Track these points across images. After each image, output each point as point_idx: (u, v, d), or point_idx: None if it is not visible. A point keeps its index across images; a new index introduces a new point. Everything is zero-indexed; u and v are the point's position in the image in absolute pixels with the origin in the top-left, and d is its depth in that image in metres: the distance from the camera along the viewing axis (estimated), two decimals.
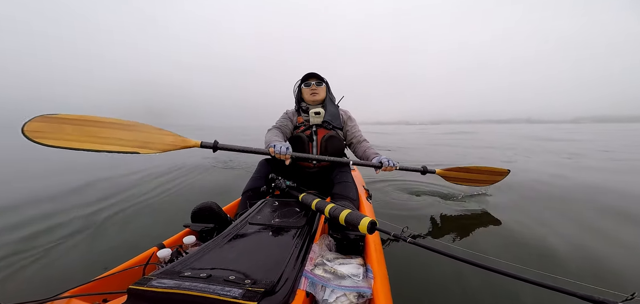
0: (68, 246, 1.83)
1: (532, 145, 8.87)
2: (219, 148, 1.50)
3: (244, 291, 0.63)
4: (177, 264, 0.77)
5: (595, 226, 2.00)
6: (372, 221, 0.86)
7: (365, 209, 1.58)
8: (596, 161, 5.17)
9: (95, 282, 0.87)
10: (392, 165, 1.55)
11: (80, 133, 1.29)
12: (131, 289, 0.64)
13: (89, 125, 1.32)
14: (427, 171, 1.96)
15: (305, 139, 1.78)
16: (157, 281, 0.66)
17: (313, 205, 1.11)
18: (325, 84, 1.84)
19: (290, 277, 0.74)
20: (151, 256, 1.00)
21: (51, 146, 1.21)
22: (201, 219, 1.27)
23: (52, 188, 3.25)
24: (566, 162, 5.09)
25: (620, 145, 8.58)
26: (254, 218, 1.11)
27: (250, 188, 1.56)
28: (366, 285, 0.80)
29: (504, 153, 6.68)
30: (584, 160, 5.35)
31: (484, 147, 8.63)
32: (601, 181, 3.43)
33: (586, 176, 3.75)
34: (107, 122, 1.37)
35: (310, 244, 0.97)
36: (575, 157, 5.76)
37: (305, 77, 1.84)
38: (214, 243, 0.90)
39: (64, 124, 1.28)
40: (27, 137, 1.19)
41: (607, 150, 7.04)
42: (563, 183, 3.32)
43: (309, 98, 1.82)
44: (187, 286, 0.64)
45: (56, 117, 1.28)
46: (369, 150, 1.78)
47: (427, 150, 7.90)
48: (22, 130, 1.19)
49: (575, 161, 5.22)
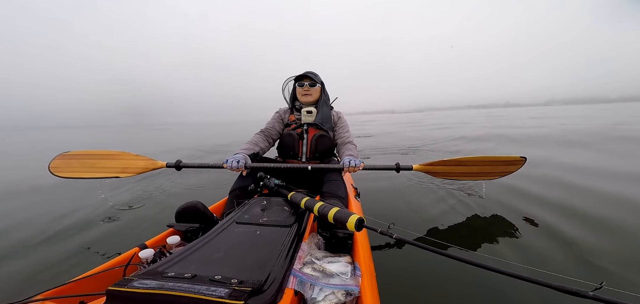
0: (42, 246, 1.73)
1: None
2: (182, 167, 1.66)
3: (230, 290, 0.62)
4: (160, 265, 0.74)
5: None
6: (359, 218, 0.87)
7: (353, 207, 1.59)
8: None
9: (73, 283, 0.82)
10: (355, 165, 1.51)
11: (81, 166, 1.73)
12: (110, 291, 0.61)
13: (87, 158, 1.75)
14: (401, 169, 1.80)
15: (296, 137, 1.78)
16: (138, 281, 0.64)
17: (302, 204, 1.11)
18: (320, 85, 1.83)
19: (278, 276, 0.73)
20: (132, 257, 0.96)
21: (65, 177, 1.66)
22: (186, 219, 1.23)
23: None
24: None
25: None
26: (242, 217, 1.09)
27: (237, 187, 1.54)
28: (354, 283, 0.80)
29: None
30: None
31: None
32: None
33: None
34: (99, 153, 1.78)
35: (299, 242, 0.96)
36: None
37: (299, 76, 1.83)
38: (199, 242, 0.88)
39: (71, 159, 1.75)
40: (51, 172, 1.68)
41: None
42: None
43: (302, 99, 1.82)
44: (170, 286, 0.62)
45: (67, 155, 1.76)
46: (347, 152, 1.70)
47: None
48: (48, 167, 1.67)
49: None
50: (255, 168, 1.55)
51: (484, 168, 2.01)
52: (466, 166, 2.00)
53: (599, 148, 4.75)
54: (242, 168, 1.49)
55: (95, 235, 1.93)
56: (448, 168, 1.98)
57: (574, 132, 7.57)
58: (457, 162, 1.98)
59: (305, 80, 1.81)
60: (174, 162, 1.65)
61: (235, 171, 1.48)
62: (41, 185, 3.52)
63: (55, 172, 1.66)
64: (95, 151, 1.81)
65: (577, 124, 10.02)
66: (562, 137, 6.57)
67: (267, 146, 1.84)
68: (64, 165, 1.71)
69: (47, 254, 1.66)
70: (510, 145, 6.00)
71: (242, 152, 1.60)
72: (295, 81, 1.85)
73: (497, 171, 2.02)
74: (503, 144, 6.24)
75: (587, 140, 5.77)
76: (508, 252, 1.59)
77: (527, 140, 6.61)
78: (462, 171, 2.01)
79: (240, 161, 1.48)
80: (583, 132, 7.27)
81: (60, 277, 1.45)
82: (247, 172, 1.56)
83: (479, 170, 2.01)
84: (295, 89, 1.86)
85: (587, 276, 1.35)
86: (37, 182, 3.68)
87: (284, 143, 1.82)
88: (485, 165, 2.00)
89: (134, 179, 3.56)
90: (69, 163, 1.72)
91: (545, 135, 7.15)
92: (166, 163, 1.68)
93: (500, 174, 2.03)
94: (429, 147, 6.42)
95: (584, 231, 1.77)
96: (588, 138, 6.11)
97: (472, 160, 1.98)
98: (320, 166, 1.59)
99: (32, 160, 6.25)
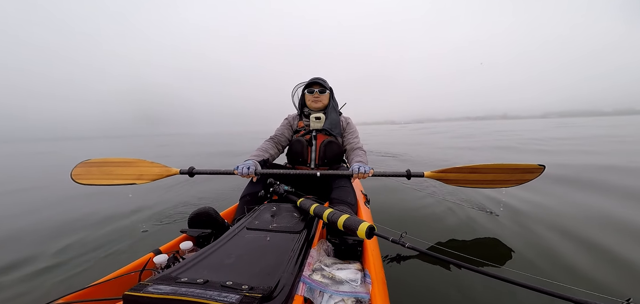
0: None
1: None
2: (195, 173, 1.71)
3: (241, 296, 0.62)
4: (173, 270, 0.76)
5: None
6: (370, 226, 0.86)
7: (363, 214, 1.58)
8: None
9: (91, 288, 0.86)
10: (365, 171, 1.49)
11: (100, 173, 1.79)
12: (127, 296, 0.63)
13: (105, 166, 1.81)
14: (412, 175, 1.74)
15: (304, 143, 1.79)
16: (153, 287, 0.65)
17: (311, 210, 1.11)
18: (329, 91, 1.84)
19: (288, 282, 0.74)
20: (147, 262, 0.99)
21: (85, 184, 1.73)
22: (198, 224, 1.26)
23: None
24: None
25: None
26: (252, 223, 1.11)
27: (248, 193, 1.56)
28: (364, 290, 0.79)
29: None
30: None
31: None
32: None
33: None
34: (116, 161, 1.84)
35: (308, 249, 0.96)
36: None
37: (309, 83, 1.84)
38: (211, 248, 0.90)
39: (91, 167, 1.81)
40: (73, 179, 1.74)
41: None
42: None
43: (312, 105, 1.83)
44: (183, 291, 0.63)
45: (86, 163, 1.82)
46: (356, 158, 1.70)
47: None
48: (70, 175, 1.75)
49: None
50: (265, 175, 1.57)
51: (499, 175, 1.89)
52: (480, 173, 1.89)
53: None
54: (252, 174, 1.51)
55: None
56: (461, 175, 1.89)
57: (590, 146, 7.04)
58: (471, 169, 1.88)
59: (315, 86, 1.81)
60: (187, 169, 1.70)
61: (246, 177, 1.51)
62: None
63: (76, 179, 1.73)
64: (113, 159, 1.85)
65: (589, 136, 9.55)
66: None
67: (276, 152, 1.86)
68: (85, 173, 1.77)
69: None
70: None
71: (252, 158, 1.63)
72: (305, 88, 1.86)
73: (513, 179, 1.89)
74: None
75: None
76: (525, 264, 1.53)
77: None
78: (476, 178, 1.90)
79: (251, 168, 1.50)
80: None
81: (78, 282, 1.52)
82: (257, 178, 1.58)
83: (494, 177, 1.90)
84: (304, 96, 1.87)
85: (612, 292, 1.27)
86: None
87: (293, 149, 1.83)
88: (501, 173, 1.89)
89: (150, 186, 3.68)
90: (89, 171, 1.78)
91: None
92: (180, 170, 1.72)
93: (516, 182, 1.90)
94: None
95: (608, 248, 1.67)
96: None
97: (486, 168, 1.88)
98: (330, 172, 1.59)
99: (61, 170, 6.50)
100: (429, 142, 10.39)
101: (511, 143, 8.45)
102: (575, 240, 1.80)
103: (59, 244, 1.98)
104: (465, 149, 7.67)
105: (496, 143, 8.78)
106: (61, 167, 7.09)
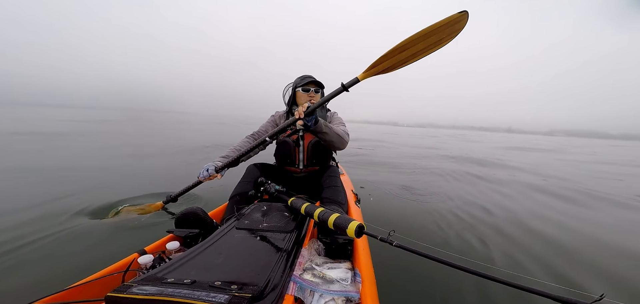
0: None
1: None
2: (177, 197, 1.86)
3: (230, 296, 0.61)
4: (159, 271, 0.74)
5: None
6: (359, 224, 0.87)
7: (353, 213, 1.59)
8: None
9: (71, 289, 0.82)
10: (307, 108, 1.47)
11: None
12: (109, 297, 0.61)
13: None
14: (348, 85, 1.61)
15: (292, 144, 1.75)
16: (137, 287, 0.63)
17: (302, 209, 1.11)
18: (322, 90, 1.79)
19: (278, 282, 0.73)
20: (131, 263, 0.96)
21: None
22: (185, 224, 1.23)
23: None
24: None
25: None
26: (242, 222, 1.09)
27: (237, 193, 1.53)
28: (354, 289, 0.80)
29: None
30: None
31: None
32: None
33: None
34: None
35: (299, 248, 0.96)
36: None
37: (304, 82, 1.75)
38: (199, 248, 0.88)
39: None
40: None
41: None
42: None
43: (304, 103, 1.78)
44: (170, 292, 0.62)
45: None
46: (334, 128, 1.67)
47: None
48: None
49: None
50: (256, 174, 1.56)
51: (429, 39, 1.75)
52: (411, 47, 1.75)
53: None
54: (213, 175, 1.58)
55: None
56: (394, 59, 1.75)
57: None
58: (400, 48, 1.74)
59: (312, 85, 1.74)
60: (166, 199, 1.86)
61: (208, 180, 1.60)
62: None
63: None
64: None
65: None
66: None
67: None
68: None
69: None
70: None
71: (220, 159, 1.66)
72: (300, 87, 1.75)
73: (444, 37, 1.74)
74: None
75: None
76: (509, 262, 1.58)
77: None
78: (409, 54, 1.76)
79: (210, 169, 1.58)
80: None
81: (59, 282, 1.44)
82: (249, 179, 1.59)
83: (426, 44, 1.76)
84: (295, 93, 1.78)
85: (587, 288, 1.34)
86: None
87: (281, 150, 1.78)
88: (429, 37, 1.75)
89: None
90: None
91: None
92: (162, 202, 1.89)
93: (448, 39, 1.74)
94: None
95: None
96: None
97: (413, 39, 1.74)
98: (281, 126, 1.60)
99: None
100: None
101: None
102: (563, 245, 1.87)
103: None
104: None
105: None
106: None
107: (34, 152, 4.74)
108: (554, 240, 2.01)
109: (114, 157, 4.68)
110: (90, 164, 4.03)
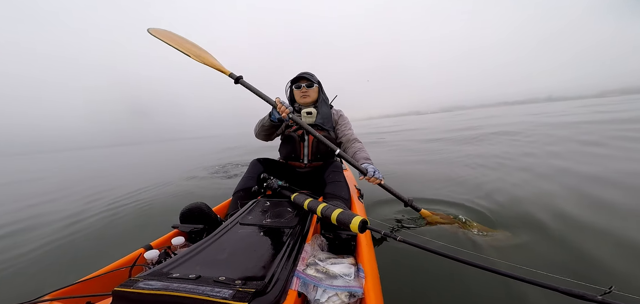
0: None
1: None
2: (240, 83, 1.69)
3: (234, 291, 0.62)
4: (165, 266, 0.75)
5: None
6: (363, 220, 0.86)
7: (356, 209, 1.58)
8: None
9: (79, 284, 0.84)
10: (378, 177, 1.51)
11: (171, 38, 1.86)
12: (116, 291, 0.62)
13: (177, 37, 1.89)
14: (409, 206, 1.75)
15: (297, 139, 1.77)
16: (143, 282, 0.64)
17: (305, 205, 1.11)
18: (317, 85, 1.82)
19: (281, 277, 0.74)
20: (138, 258, 0.97)
21: (157, 38, 1.80)
22: (190, 220, 1.24)
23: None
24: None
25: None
26: (245, 218, 1.10)
27: (241, 188, 1.54)
28: (358, 285, 0.80)
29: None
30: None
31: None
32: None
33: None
34: (185, 39, 1.91)
35: (302, 244, 0.96)
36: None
37: (295, 78, 1.81)
38: (203, 243, 0.89)
39: (166, 32, 1.89)
40: (150, 32, 1.82)
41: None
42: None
43: (300, 100, 1.81)
44: (175, 287, 0.62)
45: (163, 30, 1.89)
46: (359, 152, 1.70)
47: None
48: (147, 30, 1.82)
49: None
50: (259, 170, 1.56)
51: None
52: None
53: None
54: (288, 110, 1.50)
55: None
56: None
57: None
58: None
59: (302, 81, 1.78)
60: (236, 75, 1.71)
61: (283, 111, 1.49)
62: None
63: (153, 33, 1.82)
64: (184, 38, 1.95)
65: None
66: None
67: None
68: (160, 32, 1.87)
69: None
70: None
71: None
72: (292, 83, 1.83)
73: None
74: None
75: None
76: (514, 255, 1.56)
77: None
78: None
79: (290, 107, 1.51)
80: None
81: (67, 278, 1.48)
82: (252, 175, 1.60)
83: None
84: (292, 91, 1.84)
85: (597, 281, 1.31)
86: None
87: (286, 145, 1.82)
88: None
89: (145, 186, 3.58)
90: (164, 34, 1.87)
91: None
92: (229, 72, 1.75)
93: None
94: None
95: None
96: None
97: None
98: (349, 160, 1.60)
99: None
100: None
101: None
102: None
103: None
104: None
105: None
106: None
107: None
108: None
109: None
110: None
